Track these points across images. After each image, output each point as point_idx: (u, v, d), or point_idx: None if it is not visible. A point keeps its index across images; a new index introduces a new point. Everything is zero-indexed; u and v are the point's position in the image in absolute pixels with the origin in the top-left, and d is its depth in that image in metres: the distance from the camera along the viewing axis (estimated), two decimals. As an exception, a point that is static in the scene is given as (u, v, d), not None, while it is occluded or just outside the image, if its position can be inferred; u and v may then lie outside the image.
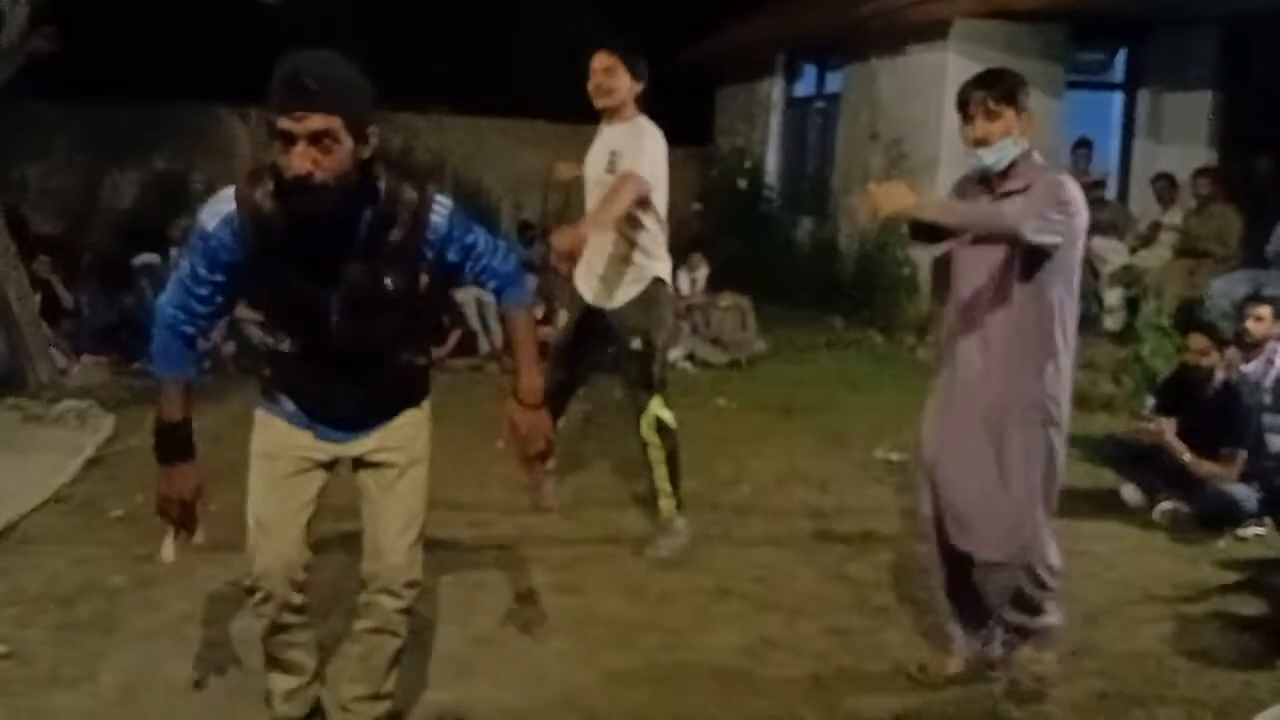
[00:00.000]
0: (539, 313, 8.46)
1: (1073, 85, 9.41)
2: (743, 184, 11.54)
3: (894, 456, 5.85)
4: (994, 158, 3.02)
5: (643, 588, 4.01)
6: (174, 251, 9.33)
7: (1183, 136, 9.27)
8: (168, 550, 2.65)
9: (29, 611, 3.67)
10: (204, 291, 2.43)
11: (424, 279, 2.53)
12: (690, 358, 8.35)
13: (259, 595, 2.62)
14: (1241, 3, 8.10)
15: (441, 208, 2.48)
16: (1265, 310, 5.41)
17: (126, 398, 6.75)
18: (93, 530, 4.47)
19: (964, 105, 3.06)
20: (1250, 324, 5.37)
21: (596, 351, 4.56)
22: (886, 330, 9.59)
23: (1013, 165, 3.04)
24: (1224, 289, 7.05)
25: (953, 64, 9.09)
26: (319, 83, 2.21)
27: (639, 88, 4.19)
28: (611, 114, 4.22)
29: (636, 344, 4.24)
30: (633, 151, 4.09)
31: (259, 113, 12.57)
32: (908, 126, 9.59)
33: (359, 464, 2.68)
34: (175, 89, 11.61)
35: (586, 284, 4.34)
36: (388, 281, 2.45)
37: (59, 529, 4.48)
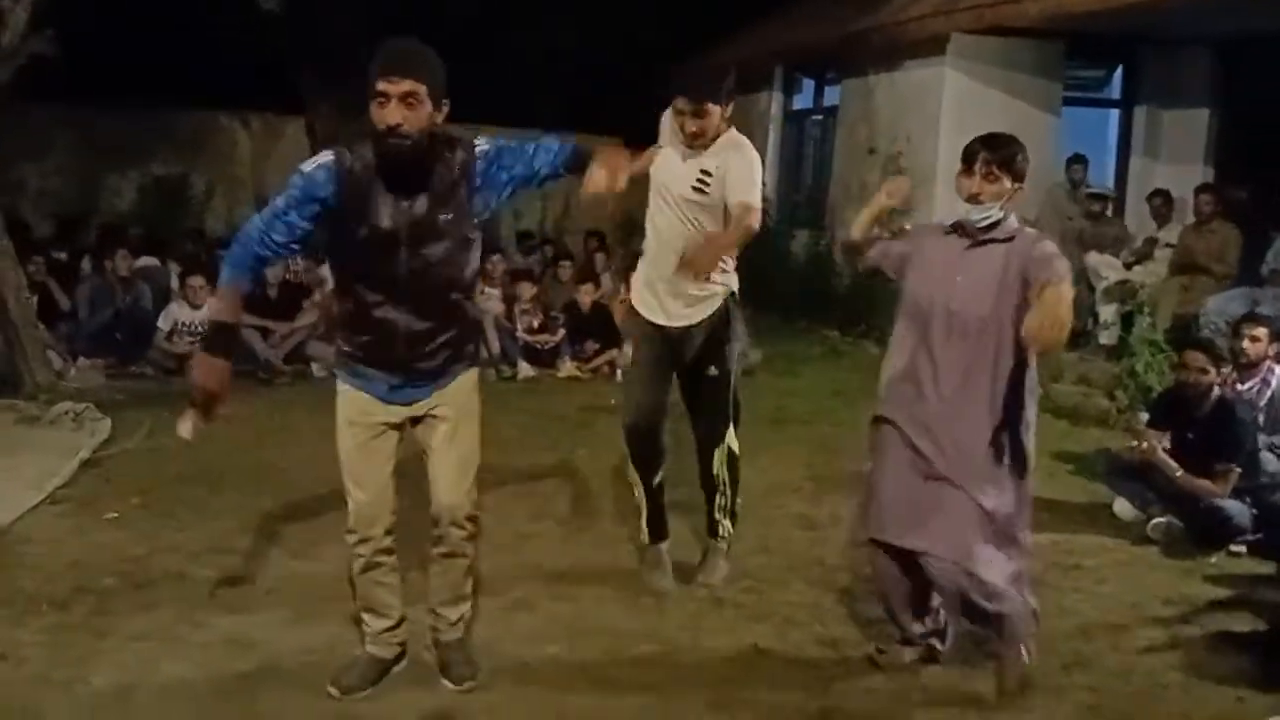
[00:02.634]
0: (535, 322, 8.48)
1: (1069, 102, 9.46)
2: (740, 196, 11.59)
3: (888, 469, 5.85)
4: (979, 215, 3.21)
5: (637, 597, 4.01)
6: (173, 267, 9.27)
7: (1178, 154, 9.32)
8: (184, 428, 2.97)
9: (22, 613, 3.66)
10: (286, 223, 2.92)
11: (471, 215, 3.05)
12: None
13: (357, 537, 3.16)
14: (1234, 24, 8.15)
15: (480, 151, 3.04)
16: (1261, 330, 5.43)
17: (123, 400, 6.76)
18: (87, 532, 4.47)
19: (969, 158, 3.23)
20: (1246, 344, 5.38)
21: (669, 378, 4.06)
22: (882, 342, 9.58)
23: (993, 226, 3.23)
24: (1219, 307, 7.07)
25: (950, 79, 9.15)
26: (409, 57, 2.88)
27: (729, 112, 3.88)
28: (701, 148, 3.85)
29: (713, 370, 3.96)
30: (745, 178, 3.80)
31: (259, 119, 12.64)
32: (905, 140, 9.64)
33: (417, 421, 3.16)
34: (176, 94, 11.62)
35: (654, 305, 3.96)
36: (442, 217, 2.99)
37: (53, 531, 4.48)
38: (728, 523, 4.17)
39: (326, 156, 2.97)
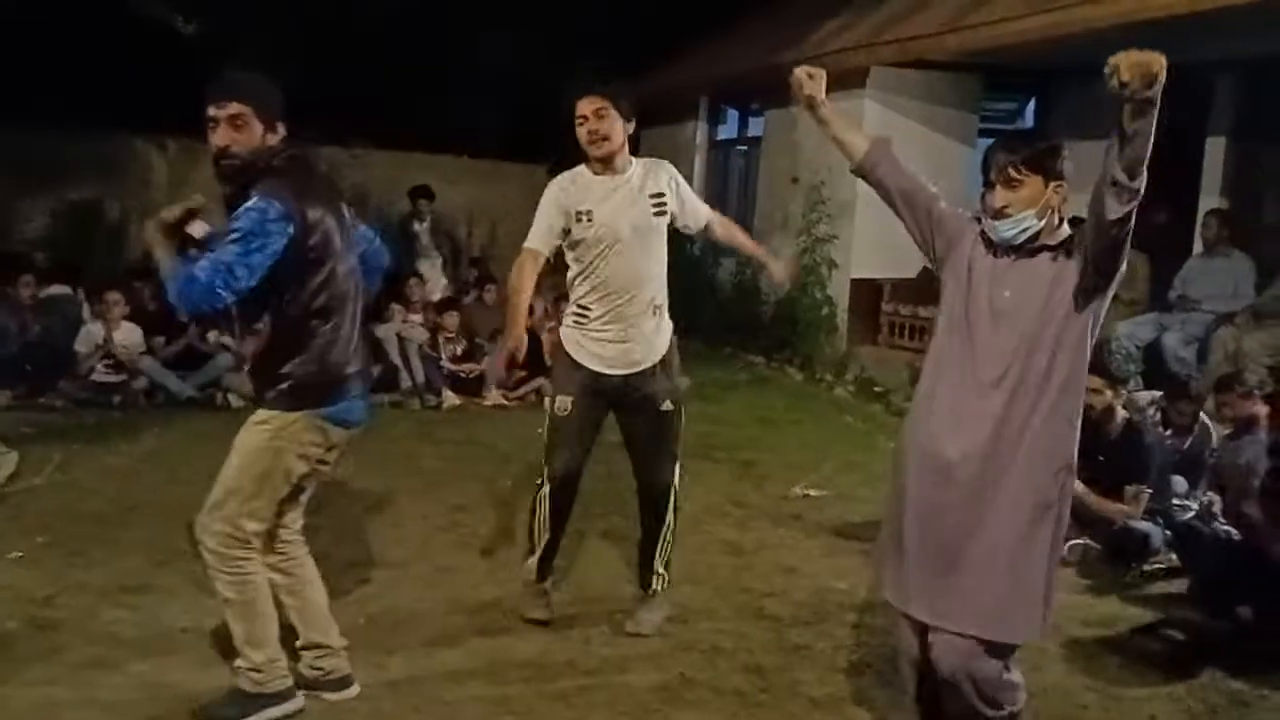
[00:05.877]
0: (458, 350, 8.40)
1: (985, 133, 9.70)
2: (666, 224, 11.68)
3: (812, 493, 5.91)
4: (1010, 230, 2.66)
5: (562, 630, 3.97)
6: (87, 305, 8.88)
7: (1090, 183, 9.55)
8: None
9: (-82, 659, 3.50)
10: None
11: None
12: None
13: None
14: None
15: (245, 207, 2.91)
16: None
17: (30, 433, 6.52)
18: (-11, 572, 4.29)
19: (986, 170, 2.71)
20: (1236, 403, 5.38)
21: (599, 429, 3.92)
22: (806, 368, 9.73)
23: (1035, 237, 2.69)
24: (1129, 331, 7.29)
25: (870, 110, 9.32)
26: (232, 80, 3.03)
27: (632, 128, 3.77)
28: (609, 160, 3.75)
29: (668, 405, 3.84)
30: (687, 192, 3.89)
31: (176, 143, 12.38)
32: (827, 171, 9.78)
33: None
34: (90, 117, 11.34)
35: (607, 355, 3.77)
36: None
37: (-47, 571, 4.30)
38: (666, 573, 4.03)
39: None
